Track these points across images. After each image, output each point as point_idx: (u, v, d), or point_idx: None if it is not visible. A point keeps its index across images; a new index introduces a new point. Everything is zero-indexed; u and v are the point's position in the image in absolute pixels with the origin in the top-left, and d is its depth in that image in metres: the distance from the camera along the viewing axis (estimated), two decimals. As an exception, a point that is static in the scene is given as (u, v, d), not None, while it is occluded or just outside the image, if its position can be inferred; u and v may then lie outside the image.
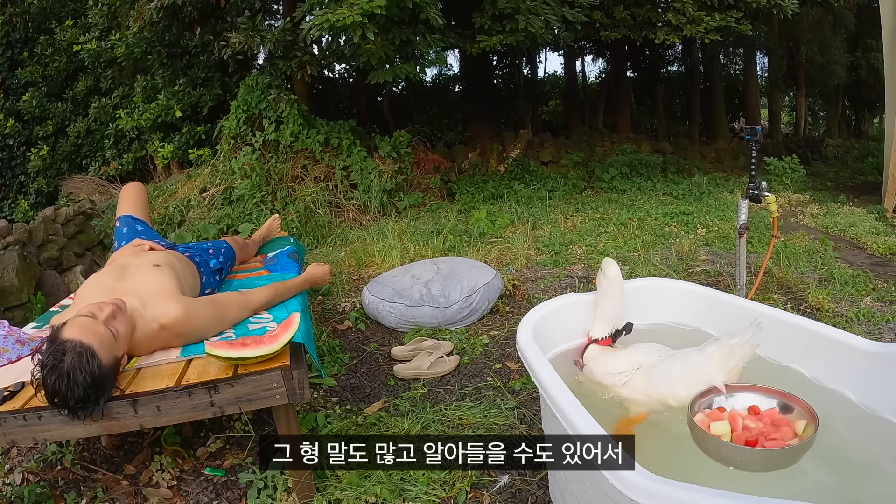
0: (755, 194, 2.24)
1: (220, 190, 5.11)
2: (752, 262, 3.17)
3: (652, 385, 1.32)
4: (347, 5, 3.89)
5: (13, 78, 7.32)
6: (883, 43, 4.73)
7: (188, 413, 1.33)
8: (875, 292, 2.77)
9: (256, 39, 4.92)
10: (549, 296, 2.95)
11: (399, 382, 2.21)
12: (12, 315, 3.46)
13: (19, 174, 7.37)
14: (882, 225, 4.17)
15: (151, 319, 1.47)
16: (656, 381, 1.32)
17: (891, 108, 4.71)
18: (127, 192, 2.26)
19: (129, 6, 5.62)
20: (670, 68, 11.97)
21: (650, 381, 1.33)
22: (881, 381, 1.23)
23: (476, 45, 5.12)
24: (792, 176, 6.25)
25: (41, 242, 4.26)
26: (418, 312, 2.62)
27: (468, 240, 4.10)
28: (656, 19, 5.85)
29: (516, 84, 9.82)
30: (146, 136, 6.59)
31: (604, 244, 3.85)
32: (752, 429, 1.12)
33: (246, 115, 5.39)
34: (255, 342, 1.38)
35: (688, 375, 1.28)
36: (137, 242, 1.91)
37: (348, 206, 5.16)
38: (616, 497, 0.93)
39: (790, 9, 5.75)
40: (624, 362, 1.40)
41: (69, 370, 1.20)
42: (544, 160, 7.23)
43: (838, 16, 9.58)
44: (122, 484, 1.65)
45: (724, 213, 4.54)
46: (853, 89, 12.63)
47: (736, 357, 1.26)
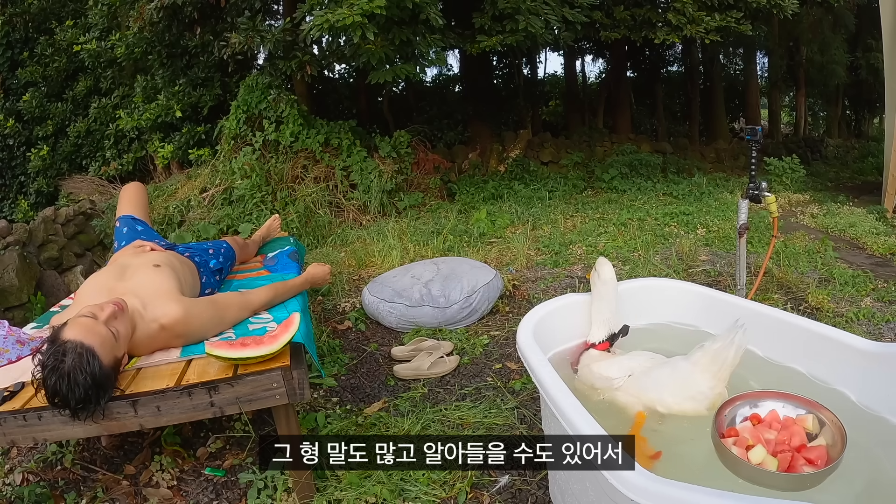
0: (755, 194, 2.24)
1: (220, 190, 5.11)
2: (752, 263, 3.17)
3: (642, 391, 1.34)
4: (347, 5, 3.90)
5: (13, 78, 7.32)
6: (883, 43, 4.73)
7: (188, 413, 1.33)
8: (875, 292, 2.77)
9: (256, 39, 4.92)
10: (549, 296, 2.95)
11: (399, 382, 2.21)
12: (12, 315, 3.46)
13: (19, 174, 7.38)
14: (882, 225, 4.17)
15: (152, 320, 1.47)
16: (646, 387, 1.34)
17: (891, 108, 4.71)
18: (127, 192, 2.26)
19: (129, 6, 5.63)
20: (670, 68, 11.98)
21: (640, 388, 1.35)
22: (881, 381, 1.22)
23: (476, 45, 5.12)
24: (792, 176, 6.25)
25: (41, 242, 4.26)
26: (418, 312, 2.62)
27: (468, 240, 4.10)
28: (656, 19, 5.86)
29: (516, 84, 9.82)
30: (146, 137, 6.59)
31: (604, 244, 3.85)
32: (772, 440, 1.10)
33: (246, 115, 5.39)
34: (255, 342, 1.38)
35: (675, 383, 1.30)
36: (139, 244, 1.91)
37: (348, 206, 5.16)
38: (616, 497, 0.93)
39: (790, 9, 5.75)
40: (616, 369, 1.40)
41: (70, 371, 1.20)
42: (544, 160, 7.23)
43: (838, 16, 9.58)
44: (122, 484, 1.65)
45: (724, 213, 4.54)
46: (853, 89, 12.63)
47: (720, 361, 1.25)
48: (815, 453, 1.06)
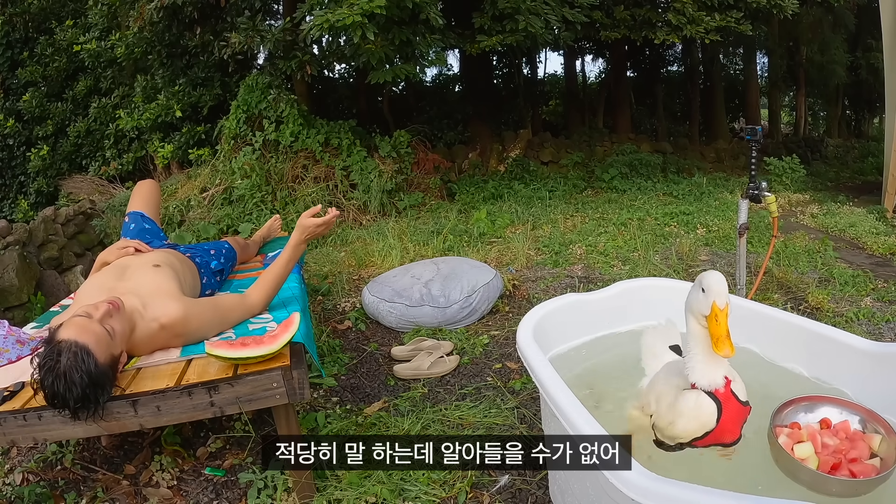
0: (755, 194, 2.24)
1: (220, 190, 5.11)
2: (752, 262, 3.17)
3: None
4: (347, 5, 3.90)
5: (13, 78, 7.32)
6: (883, 43, 4.73)
7: (188, 413, 1.33)
8: (875, 292, 2.77)
9: (256, 39, 4.93)
10: (549, 296, 2.95)
11: (399, 382, 2.21)
12: (12, 315, 3.46)
13: (19, 174, 7.37)
14: (882, 225, 4.17)
15: (151, 319, 1.47)
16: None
17: (891, 108, 4.71)
18: (141, 189, 2.26)
19: (129, 6, 5.62)
20: (670, 68, 11.97)
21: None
22: (881, 381, 1.23)
23: (476, 45, 5.12)
24: (792, 176, 6.26)
25: (41, 242, 4.26)
26: (418, 312, 2.62)
27: (468, 240, 4.10)
28: (656, 19, 5.86)
29: (516, 84, 9.82)
30: (146, 136, 6.59)
31: (604, 244, 3.85)
32: (830, 446, 1.10)
33: (246, 115, 5.39)
34: (255, 342, 1.38)
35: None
36: (123, 244, 1.86)
37: (348, 206, 5.16)
38: (616, 497, 0.93)
39: (790, 9, 5.75)
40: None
41: (65, 371, 1.21)
42: (544, 160, 7.23)
43: (838, 16, 9.57)
44: (122, 484, 1.65)
45: (724, 213, 4.54)
46: (853, 89, 12.62)
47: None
48: (860, 468, 1.06)
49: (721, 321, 1.12)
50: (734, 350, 1.09)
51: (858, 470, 1.05)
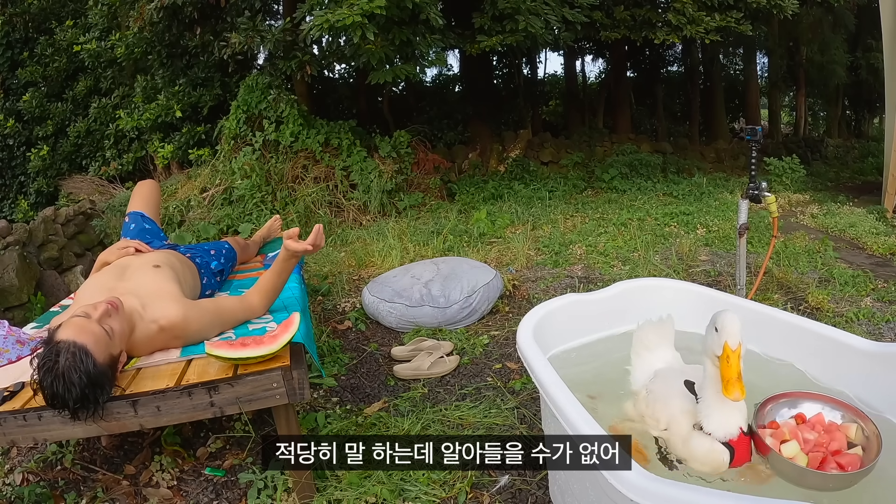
0: (755, 194, 2.24)
1: (220, 190, 5.11)
2: (752, 263, 3.17)
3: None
4: (347, 5, 3.90)
5: (13, 78, 7.32)
6: (883, 43, 4.74)
7: (188, 413, 1.33)
8: (875, 292, 2.77)
9: (256, 39, 4.93)
10: (549, 296, 2.95)
11: (399, 382, 2.21)
12: (12, 315, 3.46)
13: (19, 174, 7.37)
14: (882, 225, 4.17)
15: (151, 320, 1.47)
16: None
17: (891, 108, 4.71)
18: (141, 189, 2.27)
19: (129, 6, 5.63)
20: (670, 68, 11.97)
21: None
22: (881, 381, 1.23)
23: (476, 45, 5.12)
24: (792, 176, 6.25)
25: (41, 242, 4.26)
26: (418, 312, 2.62)
27: (468, 240, 4.10)
28: (656, 19, 5.86)
29: (516, 84, 9.82)
30: (146, 137, 6.59)
31: (604, 244, 3.85)
32: (811, 440, 1.11)
33: (246, 115, 5.39)
34: (255, 342, 1.38)
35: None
36: (123, 244, 1.87)
37: (348, 207, 5.16)
38: (616, 497, 0.93)
39: (790, 9, 5.75)
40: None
41: (64, 371, 1.21)
42: (544, 160, 7.23)
43: (838, 16, 9.57)
44: (122, 484, 1.65)
45: (724, 213, 4.54)
46: (853, 89, 12.62)
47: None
48: (846, 459, 1.07)
49: (733, 362, 1.09)
50: (745, 394, 1.06)
51: (846, 462, 1.06)
